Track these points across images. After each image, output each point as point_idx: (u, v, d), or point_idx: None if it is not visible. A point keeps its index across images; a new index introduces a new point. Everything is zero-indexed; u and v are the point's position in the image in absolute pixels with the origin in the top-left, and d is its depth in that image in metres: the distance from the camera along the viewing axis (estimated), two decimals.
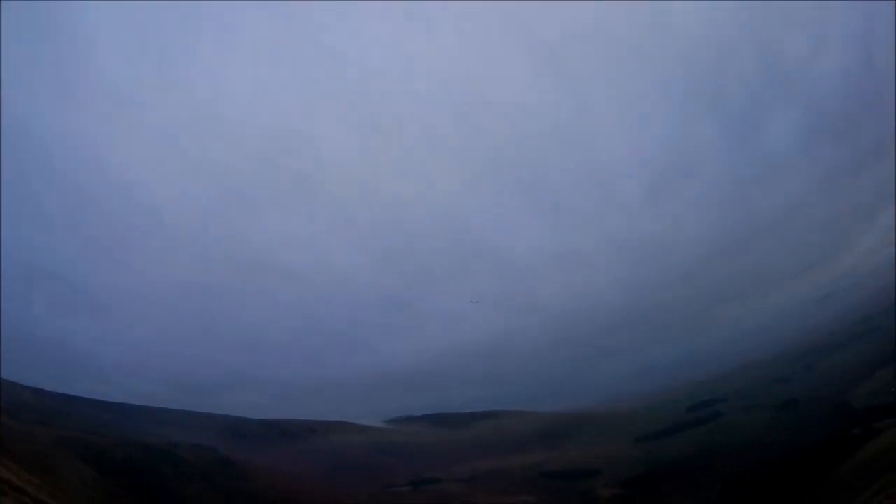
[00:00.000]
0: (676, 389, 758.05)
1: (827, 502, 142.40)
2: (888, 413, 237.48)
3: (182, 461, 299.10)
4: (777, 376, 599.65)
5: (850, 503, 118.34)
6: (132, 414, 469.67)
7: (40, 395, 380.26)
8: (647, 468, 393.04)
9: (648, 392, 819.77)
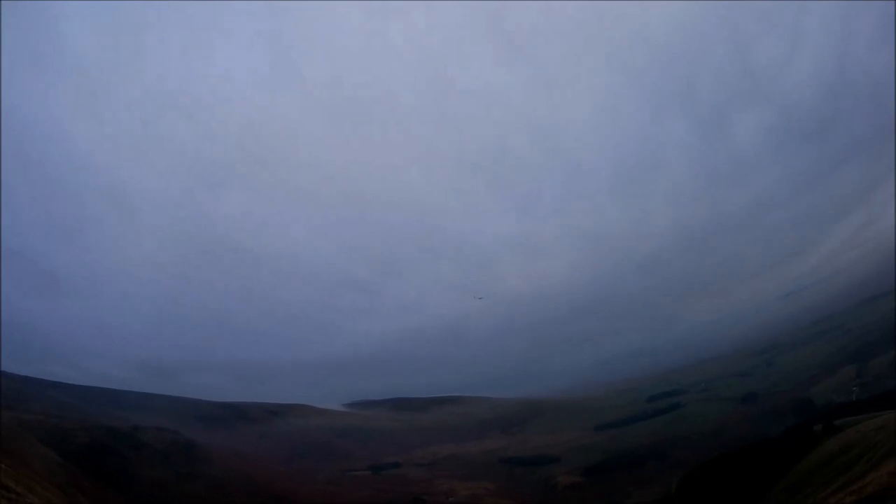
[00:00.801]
0: (636, 380, 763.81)
1: (787, 497, 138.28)
2: (849, 410, 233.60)
3: (145, 445, 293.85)
4: (737, 370, 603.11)
5: (811, 499, 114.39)
6: (94, 396, 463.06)
7: (2, 377, 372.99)
8: (606, 456, 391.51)
9: (608, 381, 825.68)
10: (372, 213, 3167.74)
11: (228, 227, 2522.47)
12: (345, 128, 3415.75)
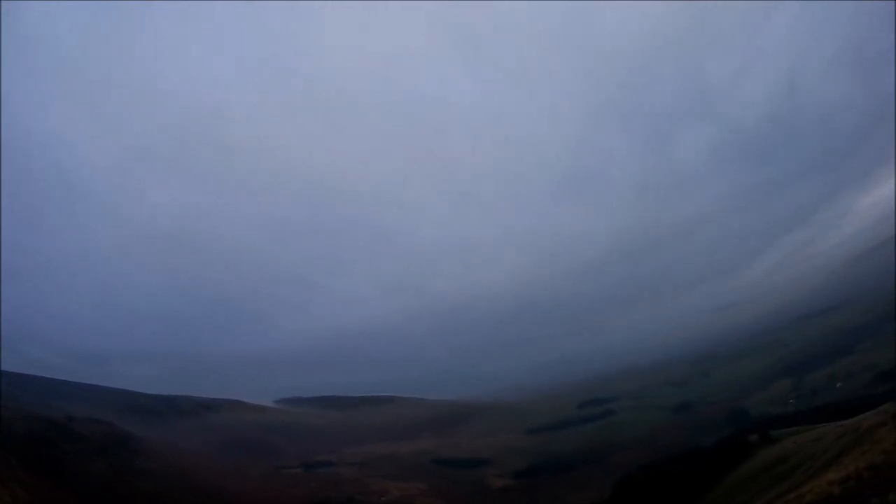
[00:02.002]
0: (569, 385, 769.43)
1: None
2: (786, 422, 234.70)
3: (81, 437, 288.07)
4: (672, 380, 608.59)
5: None
6: (30, 384, 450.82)
7: None
8: (538, 460, 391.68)
9: (541, 386, 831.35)
10: (312, 208, 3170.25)
11: (171, 216, 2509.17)
12: (292, 122, 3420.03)
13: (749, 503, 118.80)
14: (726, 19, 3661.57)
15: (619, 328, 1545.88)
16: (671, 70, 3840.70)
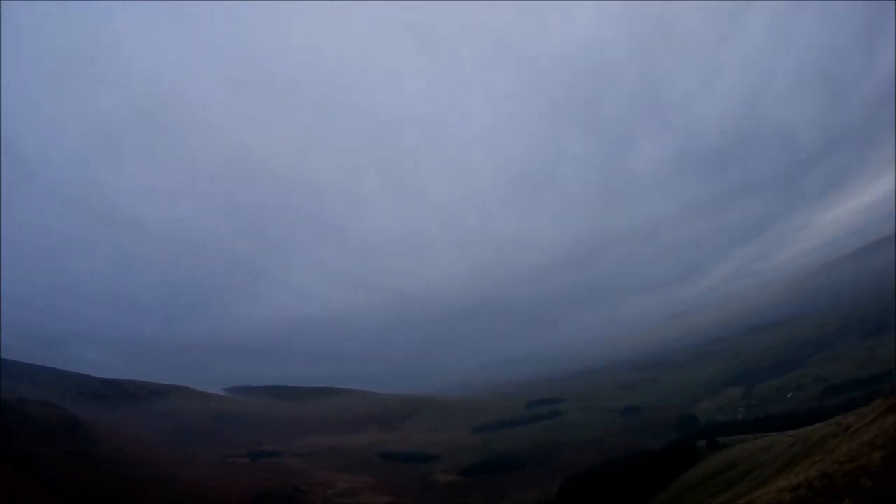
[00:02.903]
0: (518, 384, 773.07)
1: None
2: (735, 430, 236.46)
3: (31, 419, 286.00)
4: (620, 383, 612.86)
5: None
6: None
7: None
8: (486, 458, 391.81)
9: (489, 384, 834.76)
10: (265, 196, 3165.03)
11: (123, 199, 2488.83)
12: (248, 109, 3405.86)
13: None
14: (692, 32, 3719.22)
15: (569, 330, 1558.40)
16: (632, 78, 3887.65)
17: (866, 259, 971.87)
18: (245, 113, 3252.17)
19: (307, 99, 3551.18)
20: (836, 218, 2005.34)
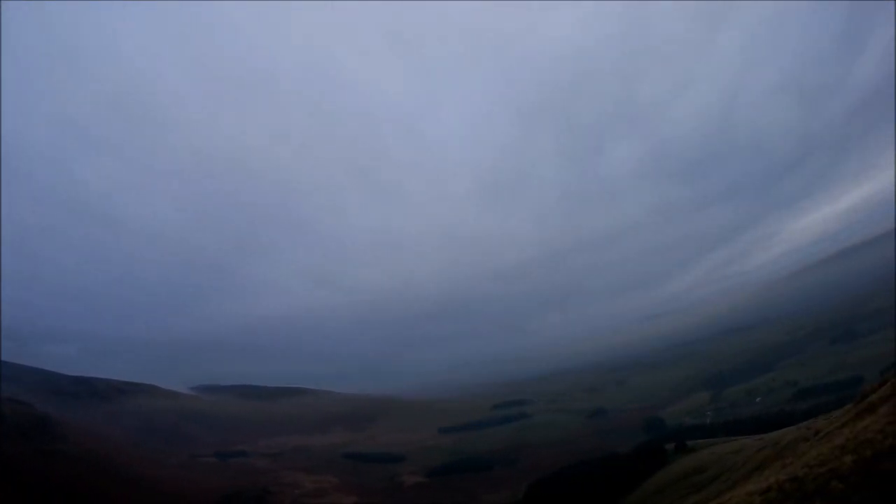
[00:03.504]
0: (485, 386, 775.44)
1: None
2: (703, 433, 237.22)
3: (3, 417, 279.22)
4: (588, 385, 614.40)
5: None
6: None
7: None
8: (453, 459, 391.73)
9: (457, 385, 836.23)
10: (237, 192, 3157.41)
11: (96, 193, 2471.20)
12: (224, 107, 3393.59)
13: None
14: (669, 38, 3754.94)
15: (537, 331, 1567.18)
16: (607, 83, 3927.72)
17: (836, 266, 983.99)
18: (221, 111, 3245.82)
19: (282, 97, 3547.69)
20: (807, 226, 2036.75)
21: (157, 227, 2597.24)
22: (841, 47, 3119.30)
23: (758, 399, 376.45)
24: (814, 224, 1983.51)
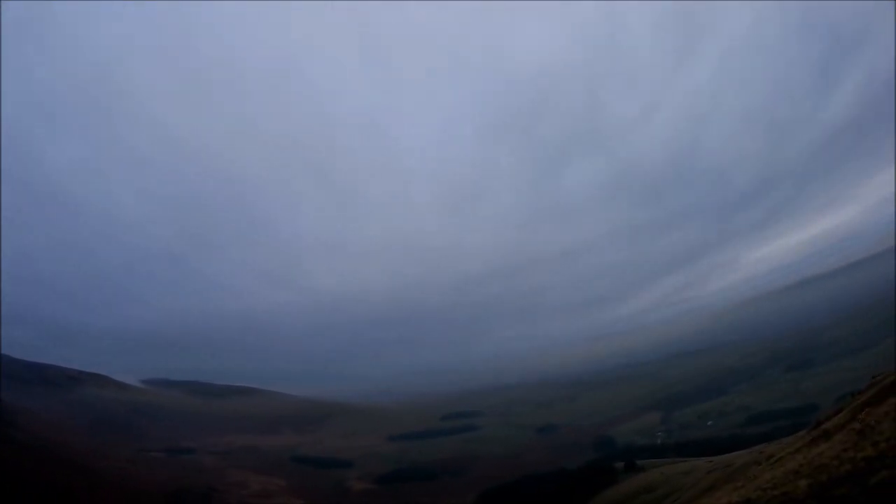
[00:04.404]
0: (435, 395, 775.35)
1: None
2: (653, 453, 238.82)
3: None
4: (537, 400, 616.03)
5: None
6: None
7: None
8: (400, 467, 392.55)
9: (407, 392, 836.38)
10: (197, 187, 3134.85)
11: (59, 176, 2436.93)
12: (191, 97, 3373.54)
13: None
14: (640, 61, 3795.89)
15: (489, 344, 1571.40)
16: (573, 100, 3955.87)
17: (794, 296, 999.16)
18: (186, 105, 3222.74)
19: (248, 95, 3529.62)
20: (766, 255, 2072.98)
21: (117, 216, 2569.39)
22: (814, 82, 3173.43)
23: (709, 422, 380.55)
24: (773, 254, 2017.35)
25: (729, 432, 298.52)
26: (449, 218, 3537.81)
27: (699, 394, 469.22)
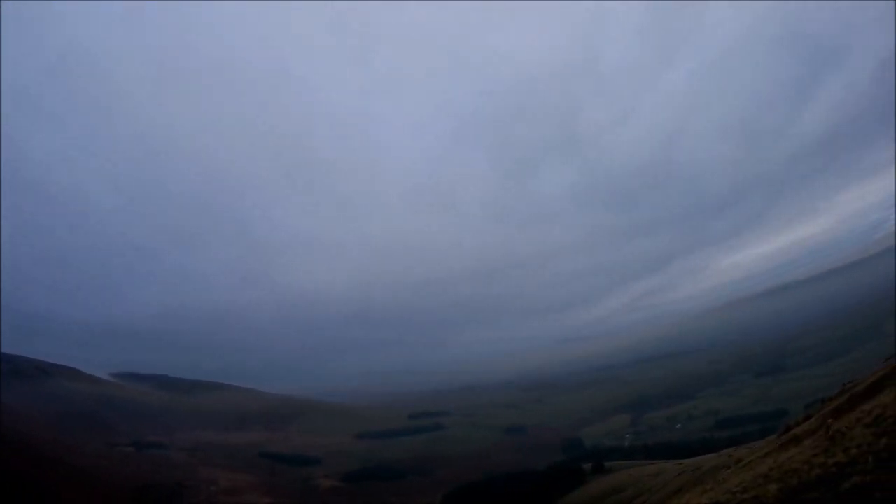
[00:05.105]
0: (403, 395, 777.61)
1: None
2: (621, 455, 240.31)
3: None
4: (505, 402, 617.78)
5: None
6: None
7: None
8: (368, 465, 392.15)
9: (375, 391, 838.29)
10: (171, 180, 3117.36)
11: (35, 166, 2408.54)
12: (169, 90, 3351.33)
13: None
14: (617, 69, 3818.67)
15: (457, 345, 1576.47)
16: (549, 106, 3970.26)
17: (764, 304, 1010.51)
18: (165, 100, 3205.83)
19: (224, 91, 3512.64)
20: (737, 263, 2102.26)
21: (92, 207, 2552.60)
22: (791, 96, 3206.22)
23: (678, 425, 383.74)
24: (744, 261, 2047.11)
25: (698, 436, 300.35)
26: (421, 219, 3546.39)
27: (668, 397, 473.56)
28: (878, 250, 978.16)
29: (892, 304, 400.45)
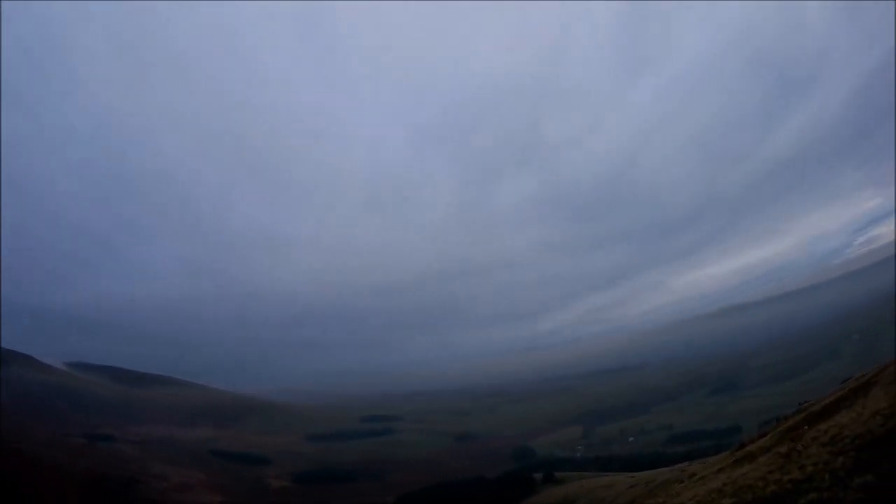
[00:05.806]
0: (354, 397, 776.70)
1: None
2: (573, 466, 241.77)
3: None
4: (457, 409, 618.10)
5: None
6: None
7: None
8: (318, 467, 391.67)
9: (326, 393, 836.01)
10: (128, 171, 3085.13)
11: None
12: (134, 84, 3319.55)
13: None
14: (582, 83, 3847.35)
15: (411, 350, 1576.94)
16: (512, 116, 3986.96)
17: (722, 322, 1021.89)
18: (126, 89, 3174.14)
19: (186, 83, 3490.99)
20: (695, 280, 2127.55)
21: (48, 192, 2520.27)
22: (758, 119, 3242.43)
23: (631, 438, 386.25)
24: (702, 279, 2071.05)
25: (651, 450, 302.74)
26: (379, 222, 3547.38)
27: (622, 411, 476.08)
28: (837, 275, 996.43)
29: (847, 327, 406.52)
